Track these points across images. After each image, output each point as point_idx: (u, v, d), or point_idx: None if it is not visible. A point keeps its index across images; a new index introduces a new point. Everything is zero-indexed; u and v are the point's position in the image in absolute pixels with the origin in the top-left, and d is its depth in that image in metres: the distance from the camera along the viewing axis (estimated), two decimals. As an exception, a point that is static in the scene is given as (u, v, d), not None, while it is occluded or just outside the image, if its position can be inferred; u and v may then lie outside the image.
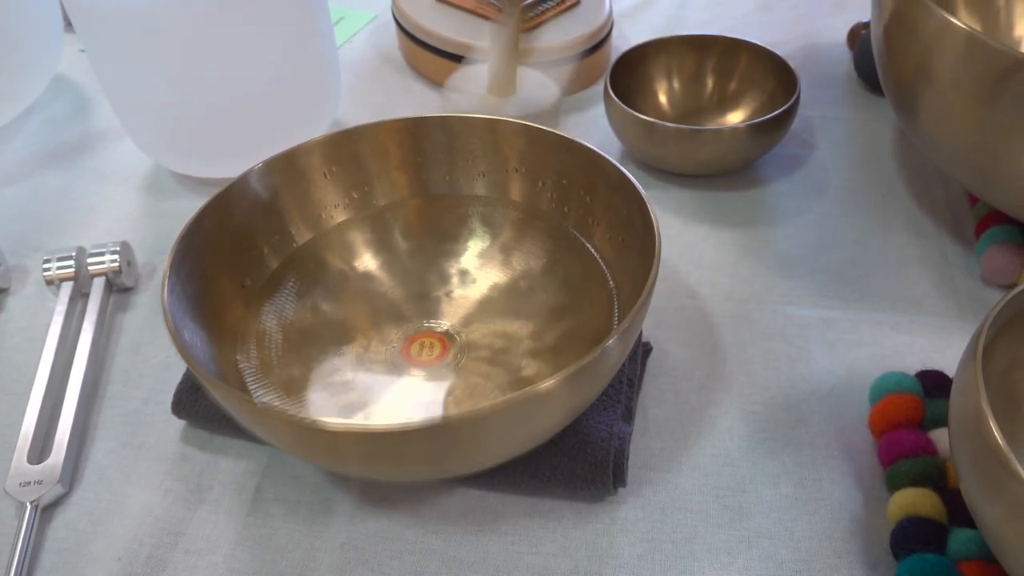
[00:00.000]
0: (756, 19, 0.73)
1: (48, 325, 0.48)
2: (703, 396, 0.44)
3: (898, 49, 0.46)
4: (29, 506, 0.40)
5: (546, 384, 0.32)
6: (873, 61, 0.61)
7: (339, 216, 0.49)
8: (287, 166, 0.46)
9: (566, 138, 0.45)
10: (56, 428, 0.43)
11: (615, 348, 0.34)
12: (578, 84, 0.66)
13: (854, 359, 0.45)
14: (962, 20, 0.41)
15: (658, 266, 0.37)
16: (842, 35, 0.70)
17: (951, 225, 0.52)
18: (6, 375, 0.47)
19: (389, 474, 0.36)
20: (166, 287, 0.38)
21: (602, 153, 0.44)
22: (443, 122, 0.48)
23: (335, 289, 0.47)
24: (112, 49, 0.51)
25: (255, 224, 0.46)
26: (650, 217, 0.39)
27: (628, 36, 0.71)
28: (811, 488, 0.39)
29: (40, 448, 0.43)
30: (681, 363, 0.45)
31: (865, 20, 0.66)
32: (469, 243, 0.48)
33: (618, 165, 0.43)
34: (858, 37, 0.65)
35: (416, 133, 0.48)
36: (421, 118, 0.47)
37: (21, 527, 0.39)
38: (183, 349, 0.35)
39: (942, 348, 0.45)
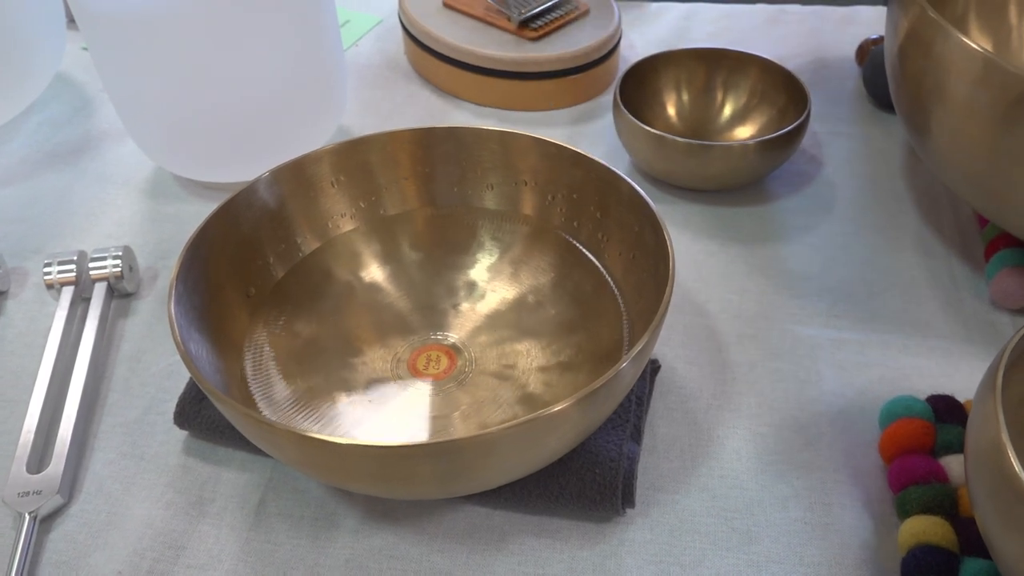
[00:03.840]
0: (764, 32, 0.73)
1: (48, 330, 0.47)
2: (711, 416, 0.43)
3: (913, 69, 0.46)
4: (28, 517, 0.39)
5: (560, 406, 0.32)
6: (883, 78, 0.61)
7: (346, 226, 0.48)
8: (295, 175, 0.46)
9: (578, 152, 0.45)
10: (55, 437, 0.42)
11: (628, 370, 0.34)
12: (586, 95, 0.65)
13: (863, 381, 0.45)
14: (974, 40, 0.41)
15: (672, 288, 0.37)
16: (850, 50, 0.69)
17: (960, 246, 0.52)
18: (3, 380, 0.47)
19: (397, 492, 0.36)
20: (173, 297, 0.37)
21: (615, 170, 0.43)
22: (453, 133, 0.47)
23: (341, 300, 0.46)
24: (117, 51, 0.50)
25: (261, 233, 0.45)
26: (663, 236, 0.39)
27: (636, 46, 0.71)
28: (820, 512, 0.39)
29: (39, 457, 0.42)
30: (689, 382, 0.45)
31: (874, 36, 0.66)
32: (477, 256, 0.48)
33: (631, 182, 0.42)
34: (867, 53, 0.65)
35: (426, 144, 0.47)
36: (431, 129, 0.47)
37: (19, 539, 0.38)
38: (190, 363, 0.34)
39: (950, 372, 0.45)
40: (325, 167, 0.46)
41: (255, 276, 0.45)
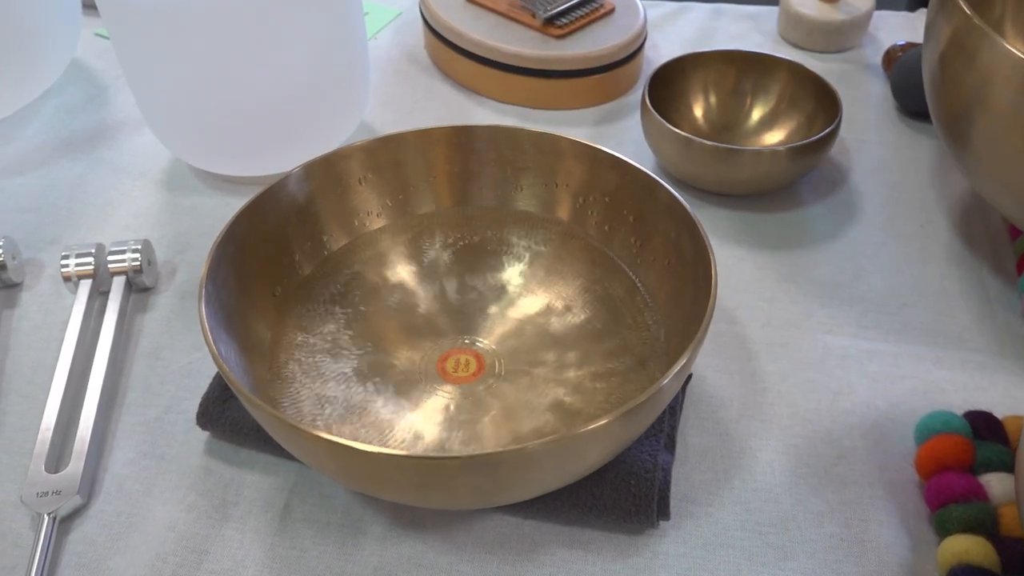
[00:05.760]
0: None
1: (64, 323, 0.46)
2: (743, 426, 0.43)
3: (953, 77, 0.45)
4: (47, 518, 0.38)
5: (603, 421, 0.31)
6: (912, 85, 0.60)
7: (374, 224, 0.47)
8: (324, 171, 0.45)
9: (615, 156, 0.44)
10: (74, 435, 0.41)
11: (671, 384, 0.33)
12: (609, 95, 0.65)
13: (896, 393, 0.44)
14: (1011, 44, 0.40)
15: (715, 300, 0.36)
16: (874, 55, 0.69)
17: (991, 257, 0.51)
18: (20, 376, 0.46)
19: (431, 502, 0.35)
20: (203, 297, 0.36)
21: (653, 175, 0.42)
22: (486, 132, 0.46)
23: (367, 300, 0.45)
24: (139, 41, 0.49)
25: (288, 230, 0.44)
26: (703, 245, 0.38)
27: (659, 47, 0.70)
28: (857, 528, 0.38)
29: (57, 456, 0.41)
30: (720, 391, 0.44)
31: (901, 43, 0.66)
32: (507, 258, 0.47)
33: (670, 188, 0.41)
34: (895, 60, 0.64)
35: (457, 143, 0.46)
36: (464, 127, 0.46)
37: (38, 540, 0.37)
38: (224, 367, 0.33)
39: (985, 386, 0.44)
40: (355, 164, 0.45)
41: (281, 275, 0.44)
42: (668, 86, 0.59)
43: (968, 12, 0.42)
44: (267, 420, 0.32)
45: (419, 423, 0.40)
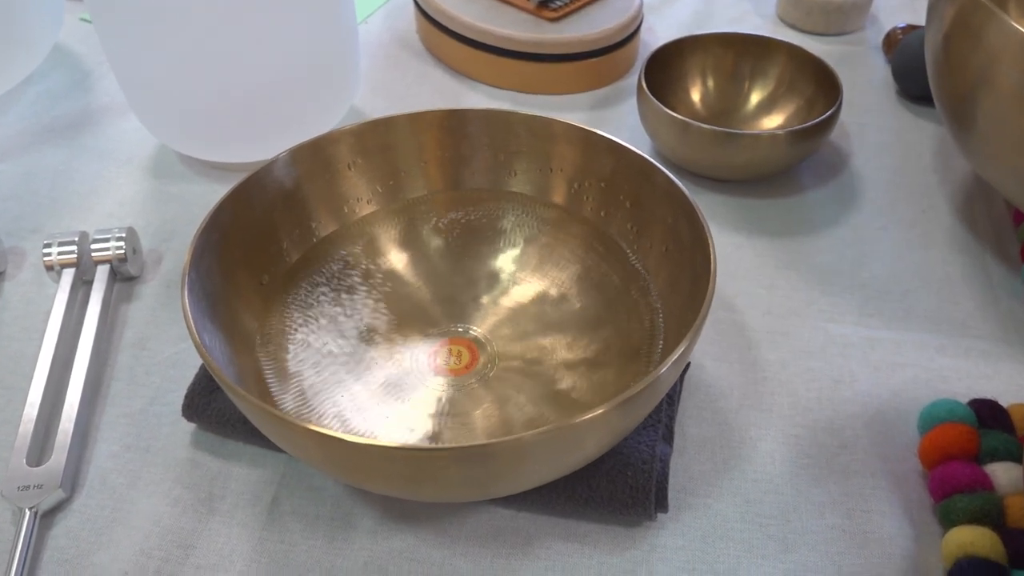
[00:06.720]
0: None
1: (47, 313, 0.45)
2: (742, 416, 0.42)
3: (958, 58, 0.44)
4: (28, 512, 0.37)
5: (599, 411, 0.30)
6: (914, 68, 0.59)
7: (363, 210, 0.46)
8: (312, 156, 0.43)
9: (612, 140, 0.43)
10: (56, 427, 0.40)
11: (669, 373, 0.32)
12: (604, 80, 0.63)
13: (898, 382, 0.43)
14: (1016, 22, 0.39)
15: (714, 287, 0.35)
16: (874, 37, 0.68)
17: (994, 243, 0.50)
18: (1, 367, 0.44)
19: (423, 494, 0.34)
20: (186, 286, 0.35)
21: (651, 159, 0.41)
22: (479, 116, 0.45)
23: (357, 288, 0.44)
24: (123, 25, 0.48)
25: (276, 217, 0.43)
26: (702, 230, 0.37)
27: (655, 30, 0.69)
28: (859, 520, 0.38)
29: (39, 449, 0.40)
30: (719, 380, 0.43)
31: (902, 25, 0.64)
32: (502, 245, 0.46)
33: (668, 173, 0.40)
34: (896, 43, 0.63)
35: (450, 127, 0.45)
36: (456, 111, 0.45)
37: (19, 535, 0.36)
38: (208, 358, 0.32)
39: (989, 374, 0.44)
40: (344, 148, 0.44)
41: (268, 263, 0.42)
42: (665, 70, 0.58)
43: (973, -10, 0.41)
44: (253, 412, 0.31)
45: (411, 414, 0.39)
